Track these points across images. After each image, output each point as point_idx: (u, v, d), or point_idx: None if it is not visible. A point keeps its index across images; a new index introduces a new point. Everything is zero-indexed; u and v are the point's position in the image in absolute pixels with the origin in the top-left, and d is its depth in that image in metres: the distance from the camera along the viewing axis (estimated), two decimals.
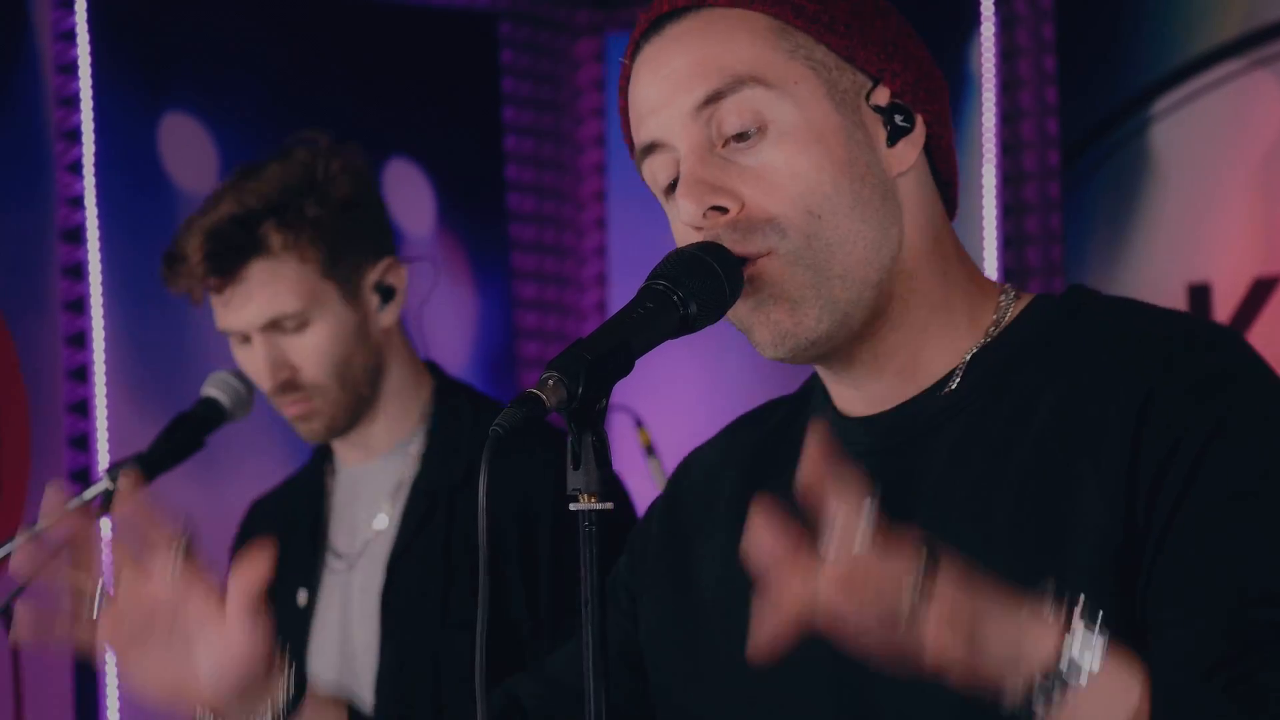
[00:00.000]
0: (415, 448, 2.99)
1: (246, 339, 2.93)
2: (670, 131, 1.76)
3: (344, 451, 3.04)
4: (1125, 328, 1.72)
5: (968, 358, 1.77)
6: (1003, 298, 1.80)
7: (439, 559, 2.89)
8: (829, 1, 1.76)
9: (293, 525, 3.05)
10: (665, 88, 1.75)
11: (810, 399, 1.89)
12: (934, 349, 1.78)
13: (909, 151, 1.78)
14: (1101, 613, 1.52)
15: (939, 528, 1.66)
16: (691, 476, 1.96)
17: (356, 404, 2.95)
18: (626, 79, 1.81)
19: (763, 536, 1.47)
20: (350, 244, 2.91)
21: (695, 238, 1.74)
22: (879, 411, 1.79)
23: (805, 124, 1.73)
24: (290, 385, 2.91)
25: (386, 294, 2.96)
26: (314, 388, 2.92)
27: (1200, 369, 1.66)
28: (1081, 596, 1.53)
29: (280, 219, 2.86)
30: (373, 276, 2.94)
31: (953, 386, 1.76)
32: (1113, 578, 1.62)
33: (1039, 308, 1.79)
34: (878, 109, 1.76)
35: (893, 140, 1.77)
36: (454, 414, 2.97)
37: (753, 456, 1.89)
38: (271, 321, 2.89)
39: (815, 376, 1.88)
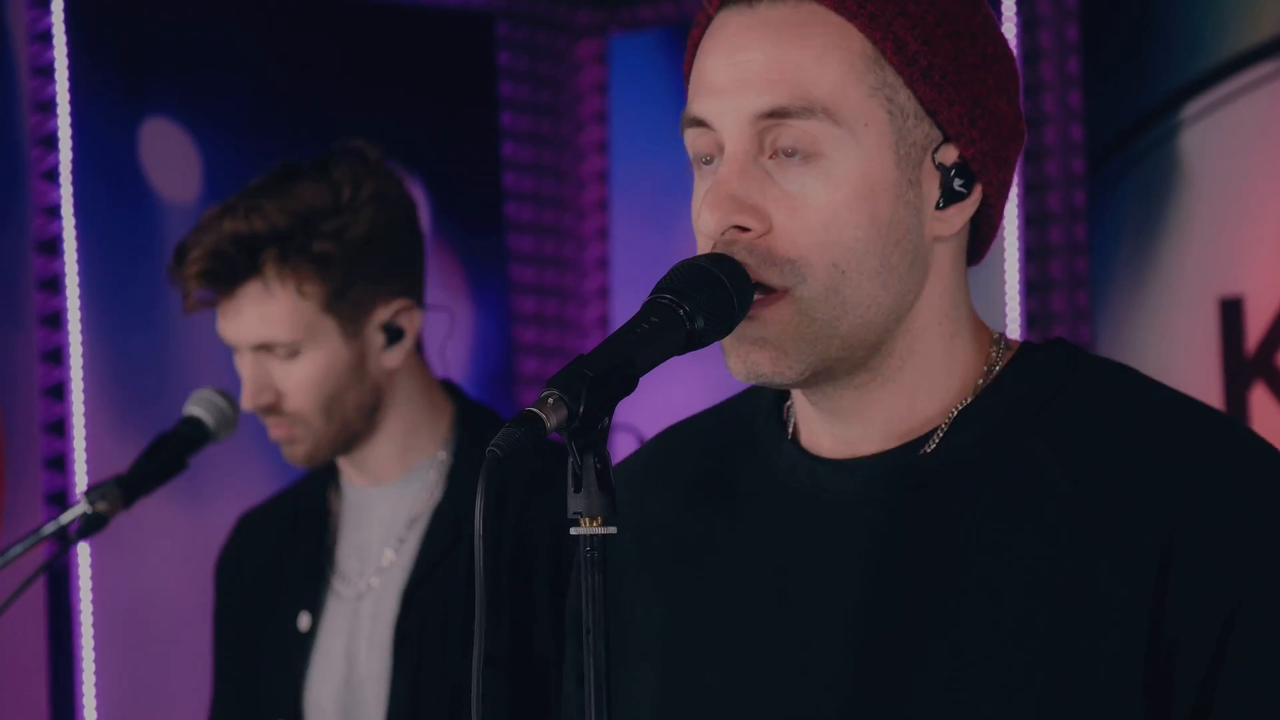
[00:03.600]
0: (434, 475, 2.93)
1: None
2: (721, 123, 1.67)
3: (350, 473, 2.98)
4: (1152, 416, 1.68)
5: (955, 413, 1.71)
6: (993, 349, 1.74)
7: (464, 589, 2.84)
8: (935, 43, 1.66)
9: (292, 544, 3.00)
10: (734, 75, 1.67)
11: (754, 419, 1.81)
12: (923, 404, 1.72)
13: (957, 218, 1.69)
14: None
15: (942, 592, 1.65)
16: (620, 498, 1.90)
17: (344, 437, 2.89)
18: (708, 20, 1.72)
19: None
20: (361, 280, 2.85)
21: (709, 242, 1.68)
22: (855, 456, 1.72)
23: (860, 174, 1.65)
24: (272, 410, 2.86)
25: (394, 334, 2.89)
26: (296, 416, 2.85)
27: (1246, 507, 1.63)
28: None
29: (282, 251, 2.81)
30: (382, 315, 2.88)
31: (936, 442, 1.70)
32: (1131, 677, 1.61)
33: (1028, 364, 1.73)
34: (940, 166, 1.68)
35: (944, 203, 1.69)
36: (478, 441, 2.91)
37: (692, 484, 1.82)
38: (261, 344, 2.84)
39: (755, 395, 1.81)
